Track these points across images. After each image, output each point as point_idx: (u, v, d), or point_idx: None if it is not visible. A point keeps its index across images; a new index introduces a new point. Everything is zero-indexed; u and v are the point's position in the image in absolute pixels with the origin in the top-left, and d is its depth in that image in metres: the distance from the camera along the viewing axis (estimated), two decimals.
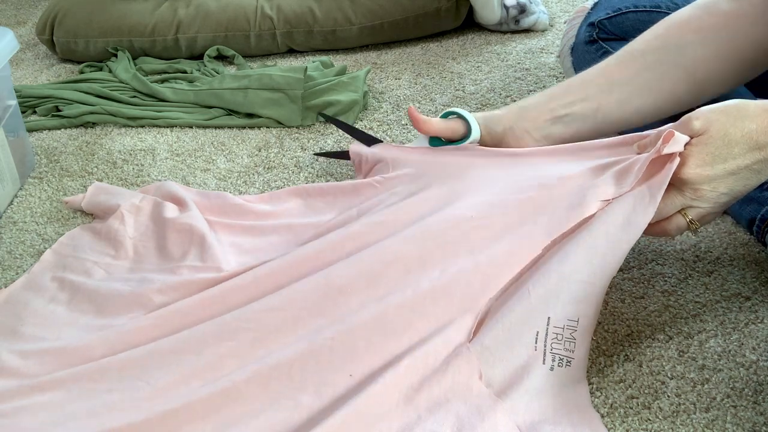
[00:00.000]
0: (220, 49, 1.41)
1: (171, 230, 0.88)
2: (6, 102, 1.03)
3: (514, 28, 1.46)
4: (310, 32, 1.40)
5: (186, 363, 0.68)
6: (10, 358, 0.72)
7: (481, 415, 0.63)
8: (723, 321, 0.74)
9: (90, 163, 1.10)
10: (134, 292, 0.79)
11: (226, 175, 1.04)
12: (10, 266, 0.89)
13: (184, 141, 1.14)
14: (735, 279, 0.79)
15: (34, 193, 1.04)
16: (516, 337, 0.66)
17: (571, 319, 0.67)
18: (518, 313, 0.67)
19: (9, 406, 0.66)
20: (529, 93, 1.22)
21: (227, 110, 1.20)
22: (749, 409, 0.64)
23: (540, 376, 0.65)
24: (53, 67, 1.45)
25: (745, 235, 0.86)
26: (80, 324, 0.77)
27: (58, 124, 1.21)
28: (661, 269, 0.81)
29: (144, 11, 1.43)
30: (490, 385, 0.65)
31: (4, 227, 0.97)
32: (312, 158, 1.07)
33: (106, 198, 0.96)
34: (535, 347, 0.66)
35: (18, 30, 1.68)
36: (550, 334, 0.66)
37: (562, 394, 0.65)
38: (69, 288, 0.82)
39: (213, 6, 1.42)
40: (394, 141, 1.10)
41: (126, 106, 1.23)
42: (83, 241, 0.90)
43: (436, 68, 1.34)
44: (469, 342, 0.67)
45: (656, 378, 0.68)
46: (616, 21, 1.04)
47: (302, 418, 0.63)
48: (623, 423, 0.64)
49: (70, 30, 1.42)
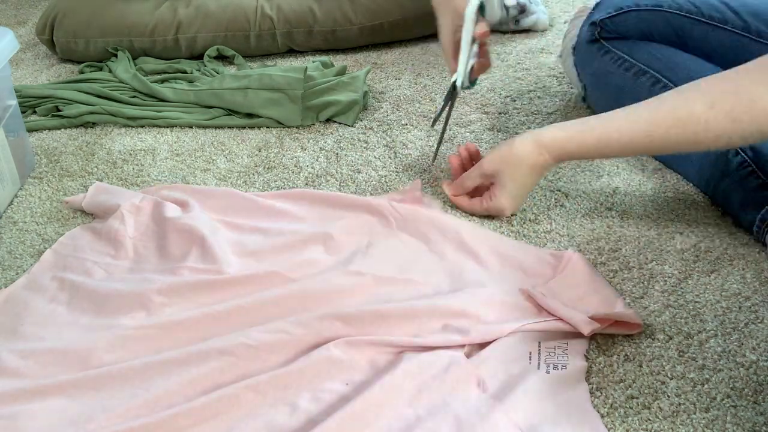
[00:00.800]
0: (220, 49, 1.41)
1: (171, 230, 0.88)
2: (6, 102, 1.03)
3: (514, 28, 1.46)
4: (310, 32, 1.40)
5: (186, 374, 0.68)
6: (10, 358, 0.72)
7: (480, 416, 0.63)
8: (723, 321, 0.74)
9: (90, 163, 1.10)
10: (134, 292, 0.79)
11: (226, 175, 1.04)
12: (10, 266, 0.89)
13: (184, 141, 1.14)
14: (735, 279, 0.79)
15: (34, 193, 1.04)
16: (510, 355, 0.70)
17: (561, 342, 0.71)
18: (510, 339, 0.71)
19: (9, 410, 0.66)
20: (529, 93, 1.22)
21: (227, 110, 1.20)
22: (749, 409, 0.64)
23: (537, 380, 0.67)
24: (53, 67, 1.45)
25: (745, 235, 0.86)
26: (80, 324, 0.77)
27: (58, 124, 1.21)
28: (661, 269, 0.81)
29: (144, 11, 1.43)
30: (488, 389, 0.66)
31: (4, 227, 0.97)
32: (312, 158, 1.07)
33: (107, 198, 0.96)
34: (529, 362, 0.69)
35: (18, 30, 1.68)
36: (542, 352, 0.70)
37: (561, 395, 0.65)
38: (69, 288, 0.82)
39: (213, 6, 1.42)
40: (394, 141, 1.10)
41: (126, 106, 1.23)
42: (83, 241, 0.90)
43: (436, 68, 1.34)
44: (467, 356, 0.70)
45: (656, 378, 0.68)
46: (618, 20, 1.04)
47: (300, 420, 0.64)
48: (623, 423, 0.64)
49: (70, 30, 1.42)
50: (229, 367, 0.69)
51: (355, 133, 1.13)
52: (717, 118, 0.74)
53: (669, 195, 0.94)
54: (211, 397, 0.65)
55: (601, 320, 0.71)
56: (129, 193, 0.97)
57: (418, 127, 1.13)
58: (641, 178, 0.98)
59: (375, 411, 0.63)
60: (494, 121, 1.14)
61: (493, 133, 1.11)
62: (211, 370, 0.69)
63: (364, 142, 1.11)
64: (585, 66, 1.10)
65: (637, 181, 0.97)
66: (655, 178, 0.98)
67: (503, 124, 1.13)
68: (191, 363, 0.70)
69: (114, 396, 0.67)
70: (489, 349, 0.70)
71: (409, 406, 0.64)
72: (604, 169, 1.00)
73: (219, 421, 0.64)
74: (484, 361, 0.68)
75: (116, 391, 0.68)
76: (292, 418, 0.64)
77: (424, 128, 1.14)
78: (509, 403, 0.64)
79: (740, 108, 0.73)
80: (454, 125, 1.14)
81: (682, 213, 0.91)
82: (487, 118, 1.15)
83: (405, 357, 0.68)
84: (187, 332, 0.74)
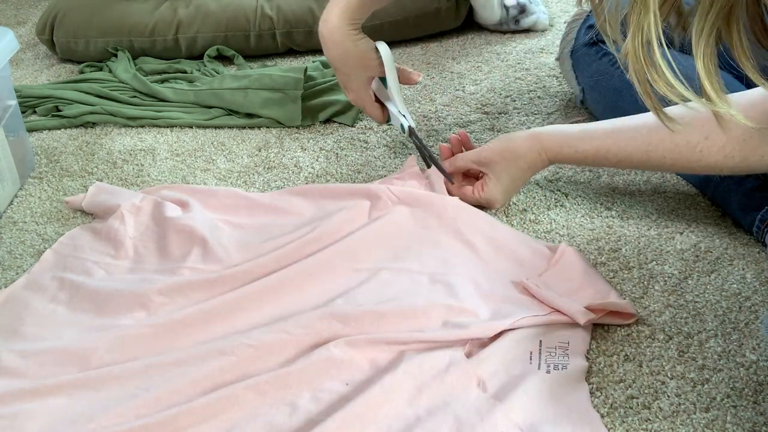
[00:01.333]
0: (220, 49, 1.41)
1: (172, 231, 0.88)
2: (6, 102, 1.03)
3: (514, 28, 1.46)
4: (310, 32, 1.40)
5: (187, 374, 0.68)
6: (10, 358, 0.72)
7: (480, 415, 0.63)
8: (723, 321, 0.74)
9: (90, 163, 1.10)
10: (134, 292, 0.79)
11: (226, 175, 1.04)
12: (10, 266, 0.89)
13: (184, 141, 1.14)
14: (735, 279, 0.79)
15: (34, 193, 1.04)
16: (510, 355, 0.69)
17: (562, 341, 0.71)
18: (510, 338, 0.71)
19: (9, 410, 0.66)
20: (529, 93, 1.22)
21: (227, 110, 1.20)
22: (749, 409, 0.64)
23: (537, 380, 0.66)
24: (53, 67, 1.45)
25: (745, 235, 0.86)
26: (80, 324, 0.77)
27: (58, 124, 1.21)
28: (661, 269, 0.81)
29: (144, 11, 1.43)
30: (488, 389, 0.66)
31: (4, 227, 0.97)
32: (312, 158, 1.07)
33: (107, 198, 0.96)
34: (530, 362, 0.69)
35: (18, 30, 1.68)
36: (543, 352, 0.70)
37: (561, 394, 0.65)
38: (69, 288, 0.82)
39: (213, 6, 1.42)
40: (394, 141, 1.10)
41: (126, 106, 1.23)
42: (83, 241, 0.90)
43: (436, 68, 1.34)
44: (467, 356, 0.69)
45: (656, 378, 0.68)
46: None
47: (300, 420, 0.64)
48: (623, 423, 0.64)
49: (70, 30, 1.42)
50: (229, 367, 0.69)
51: (355, 133, 1.13)
52: (711, 151, 0.78)
53: (669, 195, 0.94)
54: (211, 397, 0.65)
55: (595, 310, 0.72)
56: (129, 193, 0.97)
57: (418, 128, 1.13)
58: (641, 178, 0.98)
59: (375, 411, 0.63)
60: (494, 121, 1.14)
61: (493, 133, 1.11)
62: (211, 370, 0.69)
63: (364, 142, 1.11)
64: (583, 69, 1.10)
65: (637, 181, 0.97)
66: (655, 178, 0.98)
67: (503, 124, 1.13)
68: (191, 363, 0.70)
69: (114, 396, 0.67)
70: (489, 349, 0.70)
71: (409, 406, 0.64)
72: (604, 169, 1.00)
73: (219, 421, 0.64)
74: (484, 361, 0.68)
75: (116, 391, 0.68)
76: (292, 418, 0.64)
77: (424, 129, 1.14)
78: (509, 403, 0.64)
79: (732, 144, 0.76)
80: (454, 126, 1.14)
81: (682, 213, 0.91)
82: (487, 118, 1.15)
83: (405, 357, 0.68)
84: (188, 332, 0.74)
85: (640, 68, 0.56)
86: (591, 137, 0.86)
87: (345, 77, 0.97)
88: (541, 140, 0.88)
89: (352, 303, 0.76)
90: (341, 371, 0.68)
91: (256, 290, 0.78)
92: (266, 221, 0.91)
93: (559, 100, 1.19)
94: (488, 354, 0.69)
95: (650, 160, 0.83)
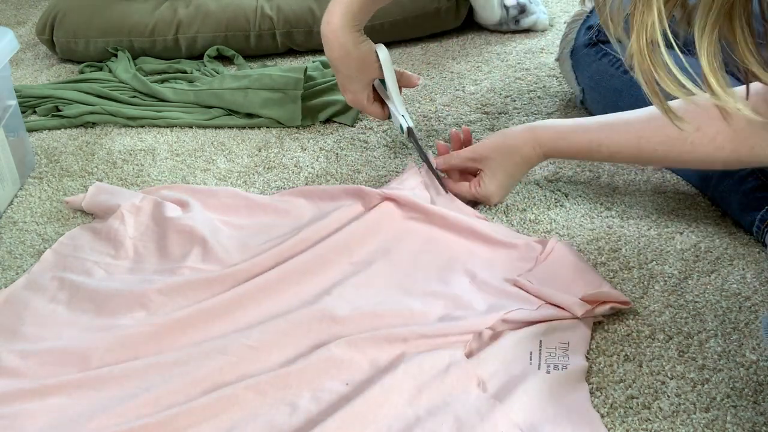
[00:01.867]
0: (220, 49, 1.41)
1: (172, 230, 0.88)
2: (6, 102, 1.03)
3: (514, 28, 1.46)
4: (310, 32, 1.40)
5: (187, 374, 0.68)
6: (10, 358, 0.72)
7: (480, 415, 0.63)
8: (723, 321, 0.74)
9: (90, 163, 1.10)
10: (134, 292, 0.79)
11: (226, 175, 1.04)
12: (10, 266, 0.89)
13: (184, 141, 1.14)
14: (735, 279, 0.79)
15: (34, 193, 1.04)
16: (510, 355, 0.69)
17: (562, 341, 0.71)
18: (510, 338, 0.71)
19: (9, 410, 0.66)
20: (529, 93, 1.22)
21: (227, 110, 1.20)
22: (749, 409, 0.64)
23: (537, 380, 0.67)
24: (53, 67, 1.45)
25: (745, 235, 0.86)
26: (80, 324, 0.77)
27: (58, 124, 1.21)
28: (661, 269, 0.81)
29: (144, 11, 1.43)
30: (488, 389, 0.66)
31: (4, 227, 0.97)
32: (312, 158, 1.07)
33: (107, 198, 0.96)
34: (530, 362, 0.69)
35: (18, 30, 1.68)
36: (543, 352, 0.70)
37: (561, 394, 0.65)
38: (69, 288, 0.82)
39: (213, 6, 1.42)
40: (394, 141, 1.10)
41: (126, 106, 1.23)
42: (83, 240, 0.90)
43: (436, 68, 1.34)
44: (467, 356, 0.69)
45: (656, 378, 0.68)
46: None
47: (300, 420, 0.64)
48: (623, 423, 0.64)
49: (70, 30, 1.42)
50: (229, 367, 0.69)
51: (355, 133, 1.13)
52: (702, 142, 0.77)
53: (669, 195, 0.94)
54: (211, 397, 0.65)
55: (590, 301, 0.73)
56: (129, 193, 0.97)
57: (418, 128, 1.13)
58: (641, 178, 0.98)
59: (375, 411, 0.63)
60: (494, 121, 1.14)
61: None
62: (211, 370, 0.69)
63: (364, 142, 1.11)
64: (583, 69, 1.10)
65: (637, 181, 0.97)
66: (655, 178, 0.98)
67: (503, 124, 1.13)
68: (191, 363, 0.70)
69: (114, 396, 0.67)
70: (489, 349, 0.70)
71: (409, 406, 0.64)
72: (604, 169, 1.00)
73: (219, 421, 0.64)
74: (484, 361, 0.68)
75: (116, 390, 0.68)
76: (292, 418, 0.64)
77: (424, 129, 1.14)
78: (509, 403, 0.64)
79: (723, 135, 0.75)
80: (454, 125, 1.14)
81: (682, 213, 0.91)
82: (487, 118, 1.15)
83: (405, 357, 0.68)
84: (188, 332, 0.74)
85: (647, 67, 0.56)
86: (584, 130, 0.86)
87: (345, 79, 0.97)
88: (535, 134, 0.88)
89: (349, 299, 0.76)
90: (341, 371, 0.68)
91: (254, 288, 0.78)
92: (266, 222, 0.92)
93: (559, 100, 1.19)
94: (488, 354, 0.69)
95: (642, 152, 0.82)
